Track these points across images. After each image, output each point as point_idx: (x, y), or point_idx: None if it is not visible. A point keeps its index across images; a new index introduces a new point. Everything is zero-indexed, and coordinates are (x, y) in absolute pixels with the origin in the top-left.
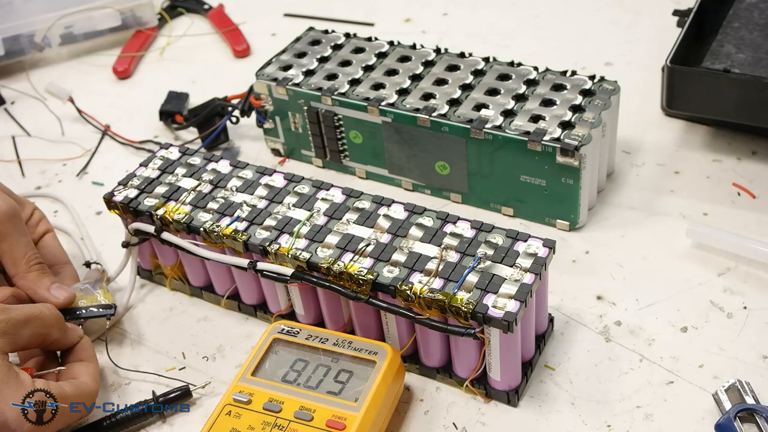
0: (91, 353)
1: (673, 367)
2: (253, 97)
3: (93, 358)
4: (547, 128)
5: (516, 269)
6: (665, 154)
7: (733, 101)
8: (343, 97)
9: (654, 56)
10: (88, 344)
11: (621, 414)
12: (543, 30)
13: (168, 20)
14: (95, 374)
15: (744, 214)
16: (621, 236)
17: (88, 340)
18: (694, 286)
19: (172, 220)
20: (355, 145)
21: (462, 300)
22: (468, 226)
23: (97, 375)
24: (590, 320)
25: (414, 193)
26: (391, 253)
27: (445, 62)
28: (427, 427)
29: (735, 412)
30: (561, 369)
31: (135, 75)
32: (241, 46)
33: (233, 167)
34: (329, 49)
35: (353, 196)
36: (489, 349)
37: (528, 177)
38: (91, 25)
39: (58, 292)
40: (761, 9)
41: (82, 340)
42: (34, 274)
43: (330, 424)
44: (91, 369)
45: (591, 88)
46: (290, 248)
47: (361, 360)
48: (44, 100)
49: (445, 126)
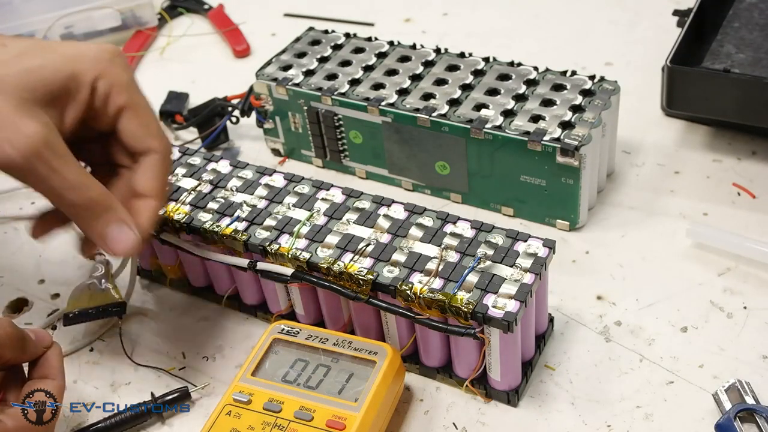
0: (57, 368)
1: (673, 367)
2: (253, 97)
3: (58, 374)
4: (547, 128)
5: (516, 269)
6: (665, 154)
7: (733, 101)
8: (343, 97)
9: (654, 56)
10: (54, 357)
11: (621, 414)
12: (543, 30)
13: (168, 20)
14: (57, 394)
15: (744, 214)
16: (621, 236)
17: (57, 350)
18: (694, 286)
19: (172, 220)
20: (355, 145)
21: (462, 300)
22: (468, 226)
23: (60, 394)
24: (590, 320)
25: (414, 193)
26: (391, 253)
27: (445, 62)
28: (427, 427)
29: (735, 412)
30: (561, 369)
31: (135, 75)
32: (241, 46)
33: (233, 167)
34: (329, 49)
35: (353, 196)
36: (489, 349)
37: (528, 177)
38: (91, 25)
39: (115, 244)
40: (761, 9)
41: (49, 352)
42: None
43: (330, 424)
44: (52, 387)
45: (591, 88)
46: (290, 248)
47: (361, 360)
48: None
49: (445, 126)
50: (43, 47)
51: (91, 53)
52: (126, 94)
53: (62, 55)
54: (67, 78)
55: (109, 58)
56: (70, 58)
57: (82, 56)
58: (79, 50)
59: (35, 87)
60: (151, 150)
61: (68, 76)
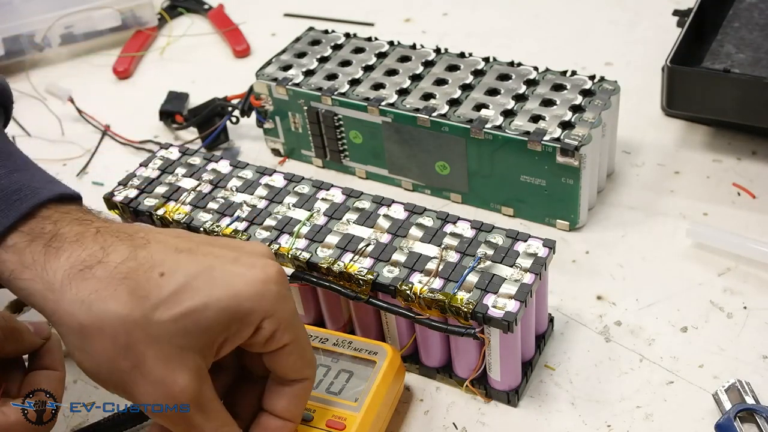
0: (57, 358)
1: (673, 367)
2: (253, 97)
3: (59, 364)
4: (547, 128)
5: (516, 269)
6: (665, 154)
7: (733, 101)
8: (343, 97)
9: (654, 56)
10: (54, 347)
11: (621, 414)
12: (543, 30)
13: (168, 20)
14: (58, 384)
15: (744, 214)
16: (621, 236)
17: (57, 340)
18: (694, 286)
19: (172, 220)
20: (355, 145)
21: (462, 300)
22: (468, 226)
23: (60, 385)
24: (590, 320)
25: (414, 193)
26: (391, 253)
27: (445, 62)
28: (427, 427)
29: (735, 412)
30: (561, 369)
31: (135, 75)
32: (241, 46)
33: (233, 167)
34: (329, 49)
35: (353, 196)
36: (489, 349)
37: (528, 177)
38: (91, 25)
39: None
40: (761, 9)
41: (48, 343)
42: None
43: (330, 424)
44: (53, 378)
45: (591, 88)
46: (290, 248)
47: (361, 360)
48: (44, 100)
49: (445, 126)
50: (204, 272)
51: (257, 286)
52: (291, 332)
53: (227, 289)
54: (230, 319)
55: (276, 291)
56: (234, 295)
57: (247, 291)
58: (245, 280)
59: (193, 332)
60: (304, 379)
61: (232, 318)
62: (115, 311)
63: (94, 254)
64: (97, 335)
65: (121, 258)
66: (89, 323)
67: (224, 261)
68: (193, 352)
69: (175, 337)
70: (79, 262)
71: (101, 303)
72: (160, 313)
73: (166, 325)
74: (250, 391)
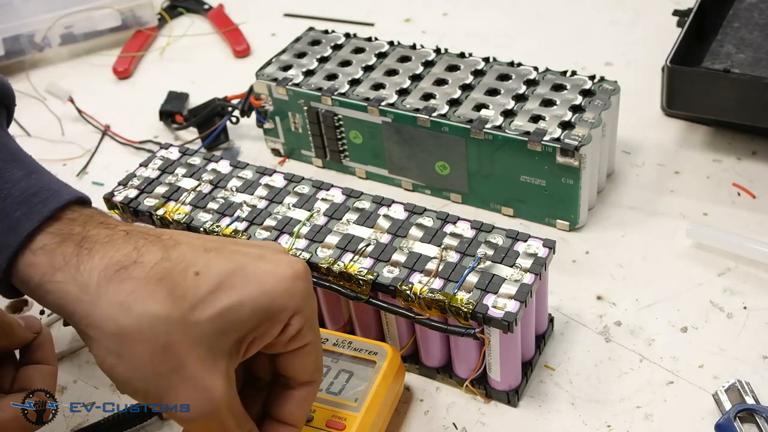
0: (49, 353)
1: (673, 367)
2: (253, 97)
3: (51, 359)
4: (547, 128)
5: (516, 269)
6: (665, 154)
7: (733, 101)
8: (343, 97)
9: (654, 56)
10: (45, 341)
11: (621, 414)
12: (543, 30)
13: (168, 20)
14: (51, 379)
15: (744, 214)
16: (621, 236)
17: (48, 335)
18: (694, 286)
19: (172, 221)
20: (355, 145)
21: (462, 300)
22: (468, 226)
23: (53, 380)
24: (590, 320)
25: (414, 193)
26: (391, 254)
27: (445, 62)
28: (427, 427)
29: (735, 412)
30: (561, 369)
31: (135, 75)
32: (241, 46)
33: (233, 167)
34: (329, 49)
35: (353, 196)
36: (489, 349)
37: (528, 177)
38: (91, 25)
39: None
40: (761, 9)
41: (40, 337)
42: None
43: (330, 424)
44: (46, 373)
45: (591, 88)
46: (290, 248)
47: (361, 360)
48: (44, 100)
49: (445, 126)
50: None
51: (288, 283)
52: (312, 332)
53: (260, 286)
54: (262, 317)
55: (304, 288)
56: (267, 292)
57: (279, 287)
58: (276, 277)
59: (229, 331)
60: (312, 382)
61: (264, 315)
62: (155, 312)
63: (129, 255)
64: (137, 338)
65: (156, 258)
66: (128, 326)
67: (252, 258)
68: (223, 353)
69: (211, 337)
70: (114, 262)
71: (141, 304)
72: (198, 313)
73: (204, 325)
74: (256, 398)
